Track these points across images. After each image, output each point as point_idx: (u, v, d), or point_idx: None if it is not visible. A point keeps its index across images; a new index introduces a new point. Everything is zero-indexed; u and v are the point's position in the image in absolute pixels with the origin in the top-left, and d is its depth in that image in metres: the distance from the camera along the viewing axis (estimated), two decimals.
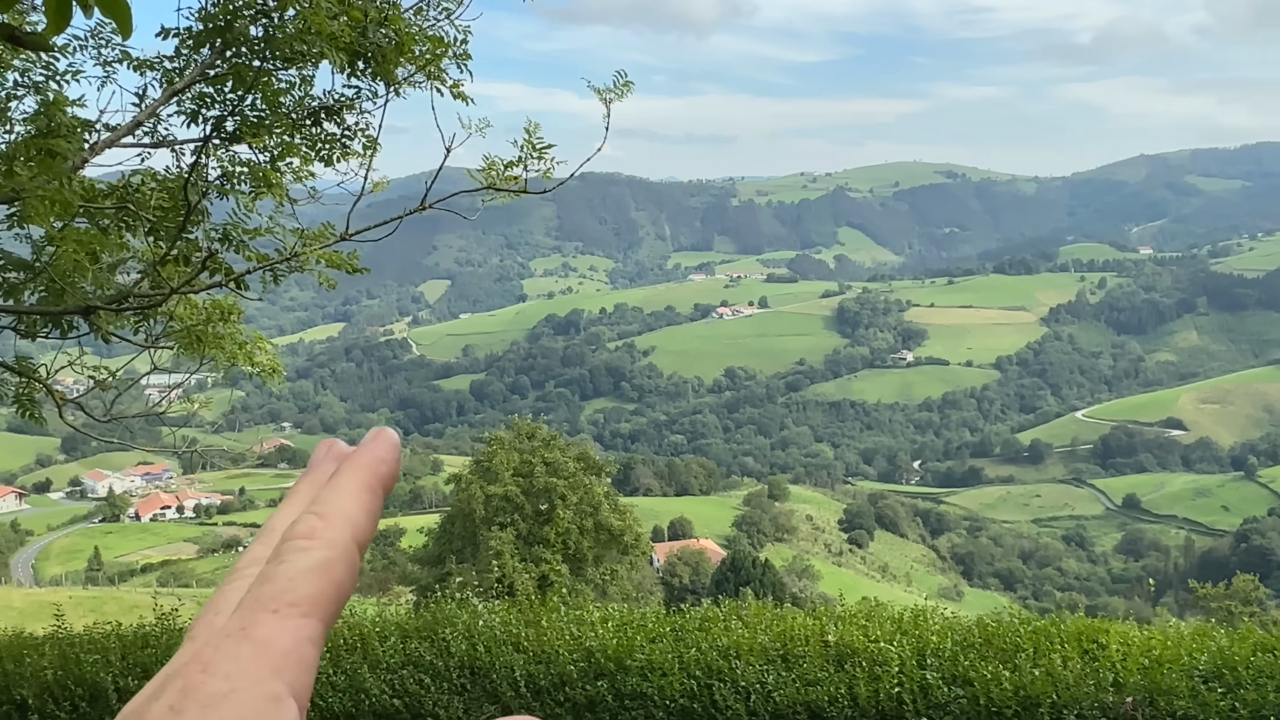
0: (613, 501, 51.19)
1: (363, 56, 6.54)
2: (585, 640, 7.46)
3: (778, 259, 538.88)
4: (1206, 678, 6.17)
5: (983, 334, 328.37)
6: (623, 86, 6.33)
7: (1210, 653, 6.38)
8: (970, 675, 6.46)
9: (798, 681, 6.69)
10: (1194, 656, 6.36)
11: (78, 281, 7.70)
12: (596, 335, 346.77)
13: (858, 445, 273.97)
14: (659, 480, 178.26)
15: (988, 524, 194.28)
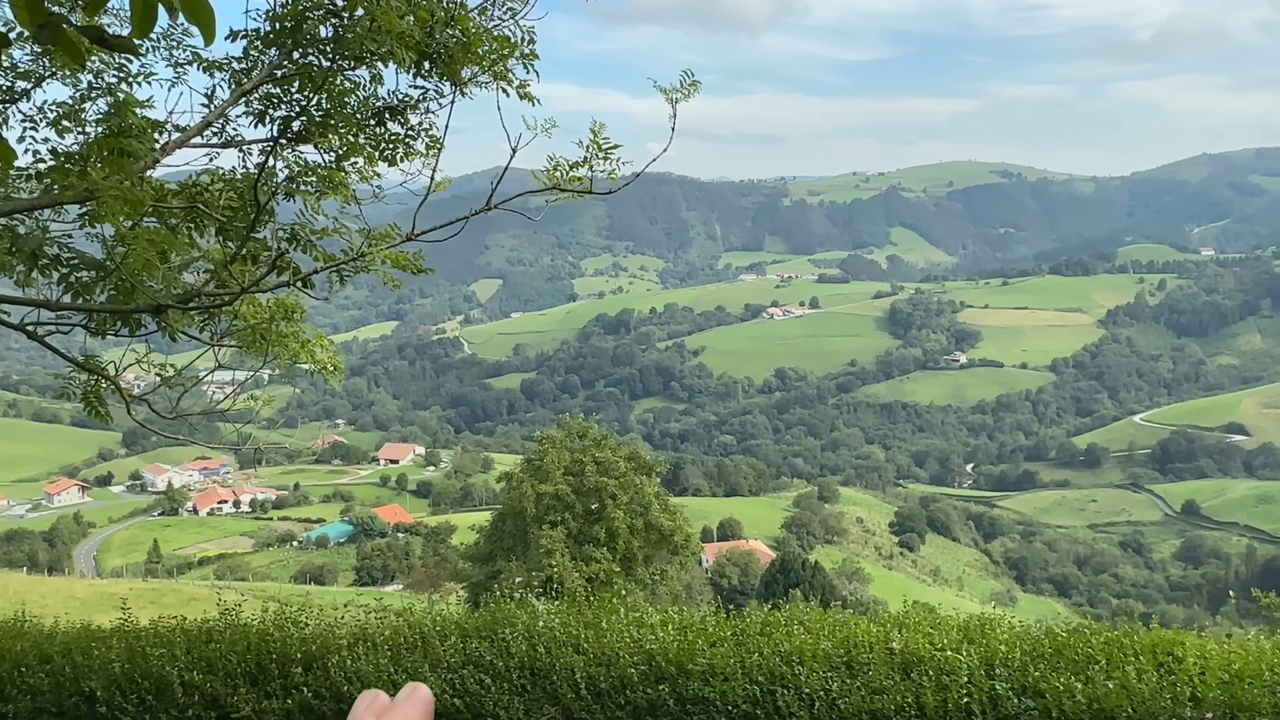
0: (663, 501, 51.12)
1: (429, 57, 6.55)
2: (646, 643, 7.41)
3: (829, 259, 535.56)
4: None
5: (1038, 336, 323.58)
6: (690, 86, 6.27)
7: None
8: (1041, 686, 6.31)
9: (862, 689, 6.58)
10: (1275, 672, 6.16)
11: (147, 280, 7.80)
12: (646, 335, 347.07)
13: (909, 447, 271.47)
14: (708, 480, 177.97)
15: (1042, 529, 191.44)
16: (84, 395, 9.49)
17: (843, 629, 7.44)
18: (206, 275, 8.35)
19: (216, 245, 7.71)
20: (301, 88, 7.21)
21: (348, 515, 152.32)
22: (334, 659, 7.69)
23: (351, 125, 7.55)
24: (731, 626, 7.73)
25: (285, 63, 7.01)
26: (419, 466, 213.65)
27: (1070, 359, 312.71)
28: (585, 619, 7.98)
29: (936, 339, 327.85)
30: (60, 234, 7.93)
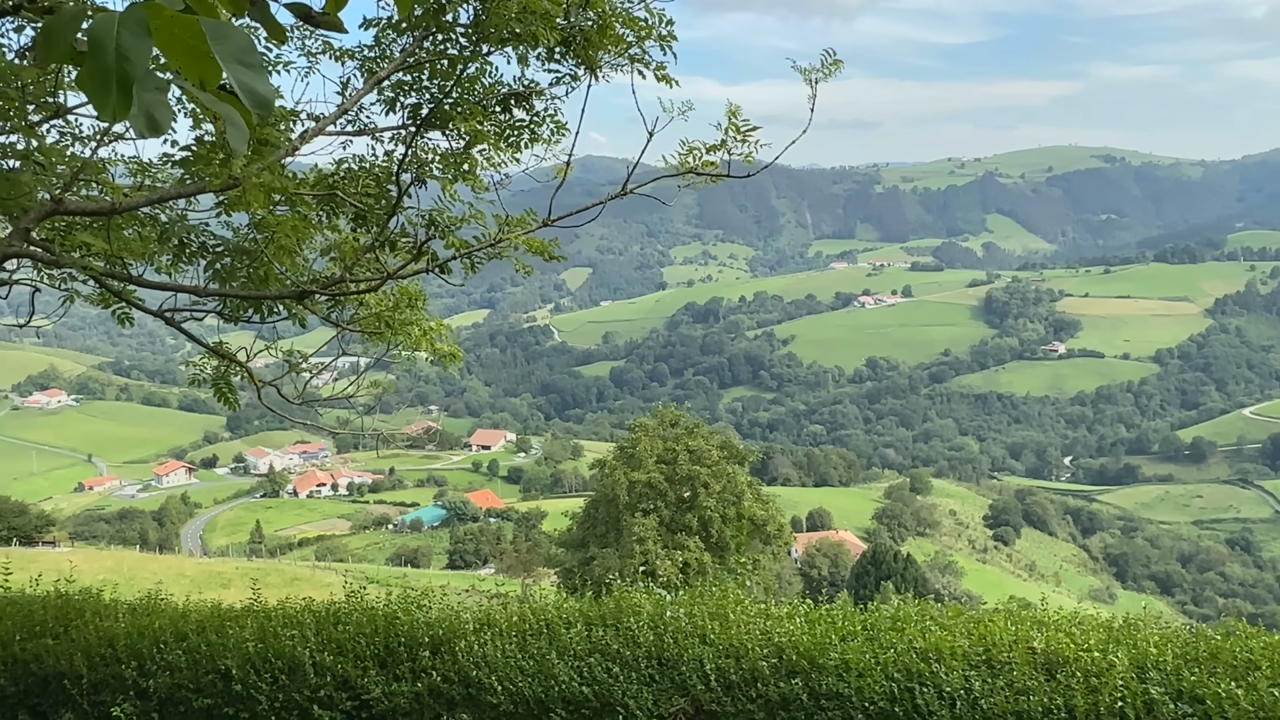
0: (756, 491, 50.88)
1: (565, 41, 6.51)
2: (775, 635, 7.29)
3: (923, 247, 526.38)
4: None
5: (1141, 326, 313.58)
6: (831, 65, 6.11)
7: None
8: (1199, 692, 6.01)
9: (1006, 689, 6.36)
10: None
11: (281, 268, 7.93)
12: (736, 323, 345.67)
13: (1005, 439, 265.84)
14: (797, 470, 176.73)
15: (1144, 524, 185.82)
16: (214, 382, 9.73)
17: (979, 626, 7.21)
18: (336, 263, 8.47)
19: (348, 233, 7.79)
20: (432, 75, 7.24)
21: (441, 499, 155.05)
22: (461, 643, 7.74)
23: (478, 112, 7.56)
24: (861, 620, 7.56)
25: (418, 50, 7.04)
26: (510, 453, 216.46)
27: (1175, 350, 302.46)
28: (711, 610, 7.89)
29: (1034, 328, 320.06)
30: (197, 222, 8.12)
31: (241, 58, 1.74)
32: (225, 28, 1.75)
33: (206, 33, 1.69)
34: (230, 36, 1.73)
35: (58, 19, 1.78)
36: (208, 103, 1.88)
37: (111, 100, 1.68)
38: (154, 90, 1.76)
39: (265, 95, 1.81)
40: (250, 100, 1.77)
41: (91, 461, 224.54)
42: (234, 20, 2.87)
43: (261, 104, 1.80)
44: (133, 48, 1.65)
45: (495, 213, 7.05)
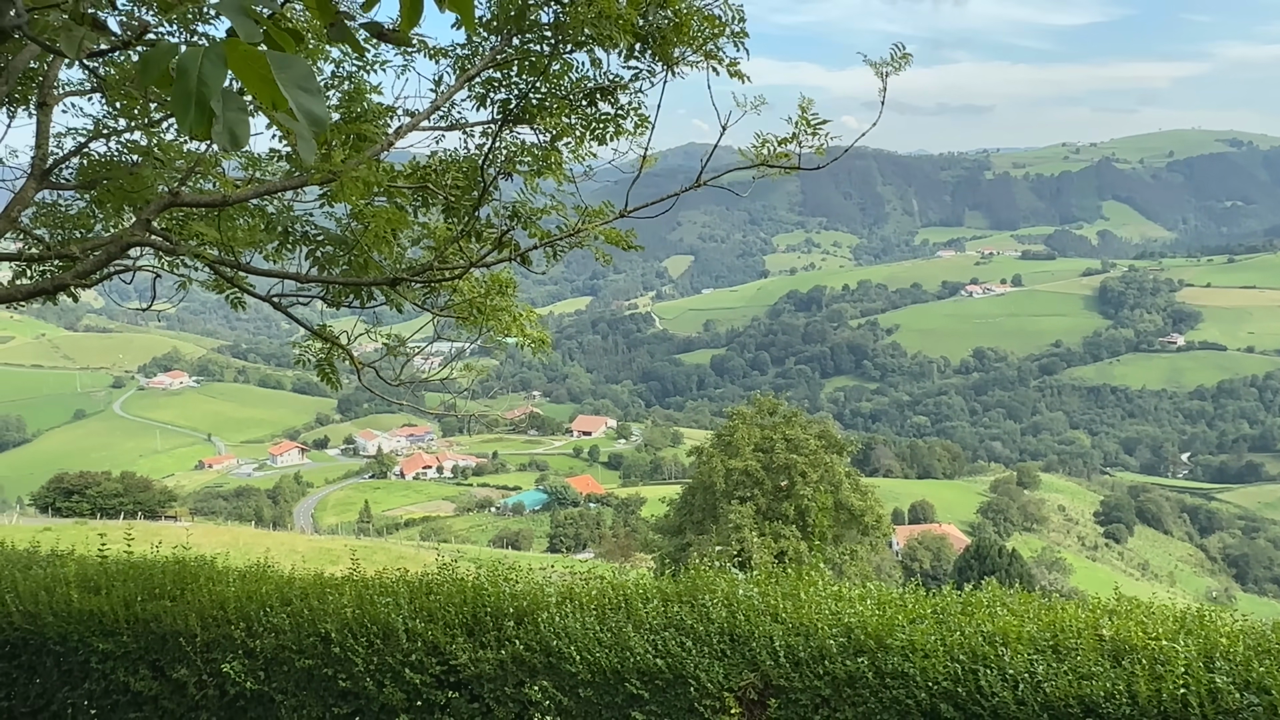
0: (854, 481, 50.54)
1: (642, 38, 6.77)
2: (844, 616, 7.47)
3: (1034, 235, 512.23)
4: None
5: (1267, 317, 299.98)
6: (900, 59, 6.25)
7: None
8: (1267, 683, 6.01)
9: (1070, 674, 6.44)
10: None
11: (377, 256, 8.40)
12: (838, 312, 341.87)
13: (1118, 434, 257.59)
14: (900, 462, 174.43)
15: (1266, 525, 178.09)
16: (318, 364, 10.30)
17: (1049, 613, 7.28)
18: (430, 251, 8.92)
19: (440, 223, 8.21)
20: (520, 71, 7.59)
21: (542, 484, 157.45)
22: (543, 615, 8.11)
23: (565, 107, 7.89)
24: (931, 604, 7.69)
25: (506, 48, 7.39)
26: (610, 439, 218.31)
27: None
28: (783, 589, 8.11)
29: (1151, 319, 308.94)
30: (302, 213, 8.64)
31: (301, 84, 2.02)
32: (288, 59, 2.03)
33: (272, 64, 1.98)
34: (292, 66, 2.02)
35: (155, 51, 2.15)
36: (282, 120, 2.17)
37: (190, 116, 1.99)
38: (236, 110, 2.07)
39: (321, 116, 2.09)
40: (307, 120, 2.05)
41: (211, 441, 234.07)
42: (314, 42, 3.22)
43: (317, 123, 2.07)
44: (210, 75, 1.97)
45: (577, 204, 7.36)
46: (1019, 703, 6.45)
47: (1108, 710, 6.24)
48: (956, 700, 6.63)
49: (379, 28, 2.73)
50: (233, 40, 2.03)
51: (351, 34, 2.77)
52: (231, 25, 2.11)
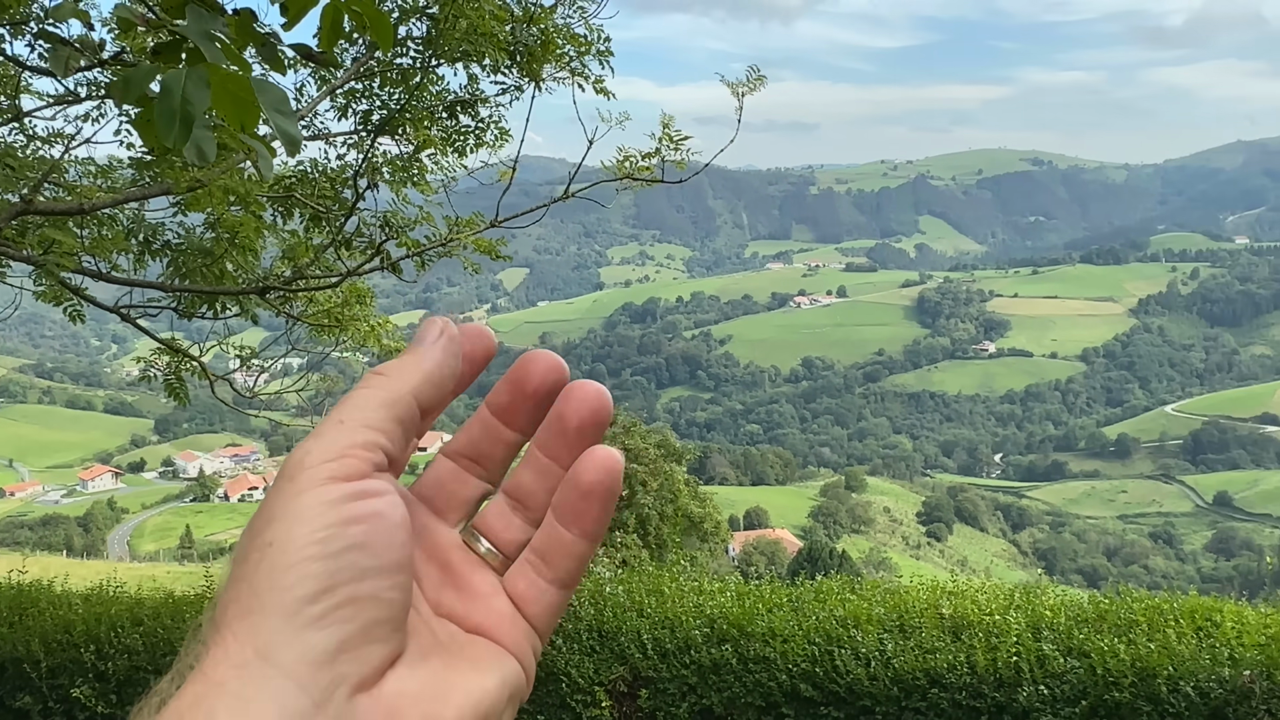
0: (693, 488, 51.58)
1: (511, 55, 6.99)
2: (707, 608, 7.85)
3: (857, 248, 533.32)
4: None
5: (1068, 325, 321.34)
6: (755, 80, 6.67)
7: None
8: (1086, 647, 6.70)
9: (915, 649, 7.00)
10: None
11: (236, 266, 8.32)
12: (673, 323, 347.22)
13: (937, 437, 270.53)
14: (735, 469, 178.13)
15: (1071, 519, 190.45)
16: (165, 380, 10.05)
17: (894, 596, 7.86)
18: (288, 262, 8.86)
19: (302, 233, 8.21)
20: (384, 83, 7.69)
21: None
22: None
23: (425, 118, 8.03)
24: (786, 593, 8.16)
25: (370, 59, 7.47)
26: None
27: (1101, 349, 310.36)
28: (648, 586, 8.44)
29: (965, 328, 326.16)
30: (157, 221, 8.46)
31: (278, 107, 2.15)
32: (266, 84, 2.18)
33: (254, 87, 2.13)
34: (271, 91, 2.16)
35: (137, 71, 2.31)
36: (244, 140, 2.31)
37: (174, 132, 2.10)
38: (204, 129, 2.23)
39: (296, 137, 2.24)
40: (285, 141, 2.19)
41: (13, 467, 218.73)
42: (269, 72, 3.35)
43: (293, 143, 2.22)
44: (195, 95, 2.09)
45: (445, 214, 7.51)
46: (871, 678, 6.96)
47: (950, 680, 6.81)
48: (815, 680, 7.10)
49: (308, 49, 2.88)
50: (213, 65, 2.15)
51: (278, 57, 2.92)
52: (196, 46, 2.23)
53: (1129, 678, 6.40)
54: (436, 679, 0.58)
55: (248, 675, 0.54)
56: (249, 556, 0.58)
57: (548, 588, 0.66)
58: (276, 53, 2.96)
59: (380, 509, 0.60)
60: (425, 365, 0.67)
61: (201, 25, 2.30)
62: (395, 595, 0.60)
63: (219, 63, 2.19)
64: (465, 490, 0.75)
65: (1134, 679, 6.40)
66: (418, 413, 0.65)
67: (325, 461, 0.60)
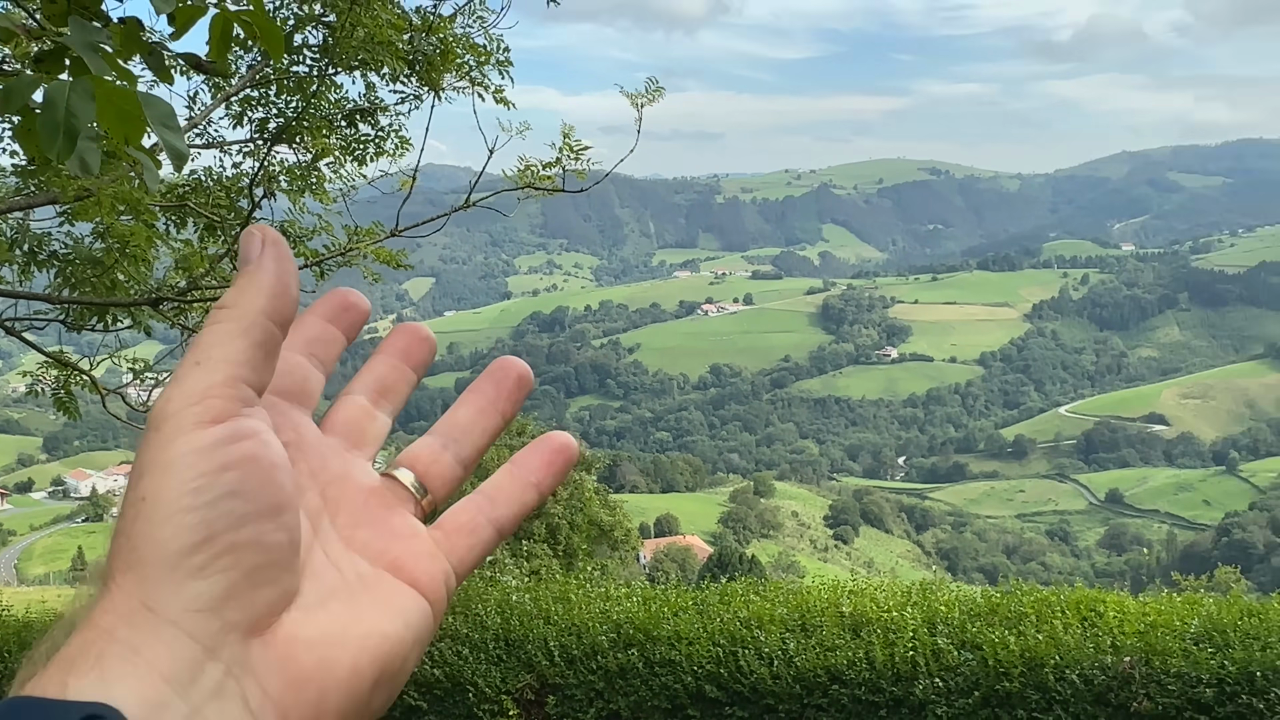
0: (602, 497, 51.64)
1: (409, 64, 6.98)
2: (613, 613, 7.91)
3: (762, 256, 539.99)
4: (1197, 640, 6.67)
5: (967, 330, 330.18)
6: (654, 91, 6.77)
7: (1200, 618, 6.88)
8: (978, 640, 6.93)
9: (817, 648, 7.16)
10: (1185, 622, 6.86)
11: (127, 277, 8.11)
12: (582, 332, 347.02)
13: (843, 441, 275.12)
14: (645, 477, 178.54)
15: (972, 519, 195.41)
16: (54, 394, 9.73)
17: (796, 596, 8.03)
18: (182, 272, 8.67)
19: (196, 243, 8.05)
20: (280, 91, 7.59)
21: None
22: None
23: (324, 126, 7.94)
24: (692, 597, 8.27)
25: (266, 67, 7.38)
26: None
27: (998, 353, 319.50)
28: (554, 594, 8.46)
29: (868, 334, 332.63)
30: (42, 231, 8.20)
31: (165, 121, 2.15)
32: (153, 98, 2.17)
33: (140, 101, 2.11)
34: (157, 104, 2.15)
35: (19, 81, 2.28)
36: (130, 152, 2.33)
37: (58, 144, 2.09)
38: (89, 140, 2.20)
39: (183, 151, 2.26)
40: (171, 154, 2.20)
41: None
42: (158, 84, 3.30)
43: (179, 157, 2.23)
44: (79, 108, 2.08)
45: (345, 224, 7.45)
46: (774, 677, 7.10)
47: (850, 676, 6.99)
48: (720, 680, 7.21)
49: (196, 59, 2.87)
50: (98, 77, 2.13)
51: (165, 67, 2.90)
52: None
53: (1019, 668, 6.66)
54: (335, 622, 0.56)
55: (136, 624, 0.53)
56: (126, 512, 0.57)
57: (486, 525, 0.67)
58: (164, 62, 2.94)
59: (253, 451, 0.59)
60: (264, 281, 0.63)
61: (85, 36, 2.28)
62: (280, 537, 0.59)
63: (102, 74, 2.17)
64: (375, 426, 0.75)
65: (1023, 669, 6.66)
66: (276, 331, 0.62)
67: (189, 406, 0.58)
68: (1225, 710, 6.26)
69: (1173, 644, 6.57)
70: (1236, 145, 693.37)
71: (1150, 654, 6.57)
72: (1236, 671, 6.33)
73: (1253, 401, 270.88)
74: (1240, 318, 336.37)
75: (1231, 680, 6.31)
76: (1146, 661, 6.54)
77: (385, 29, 6.16)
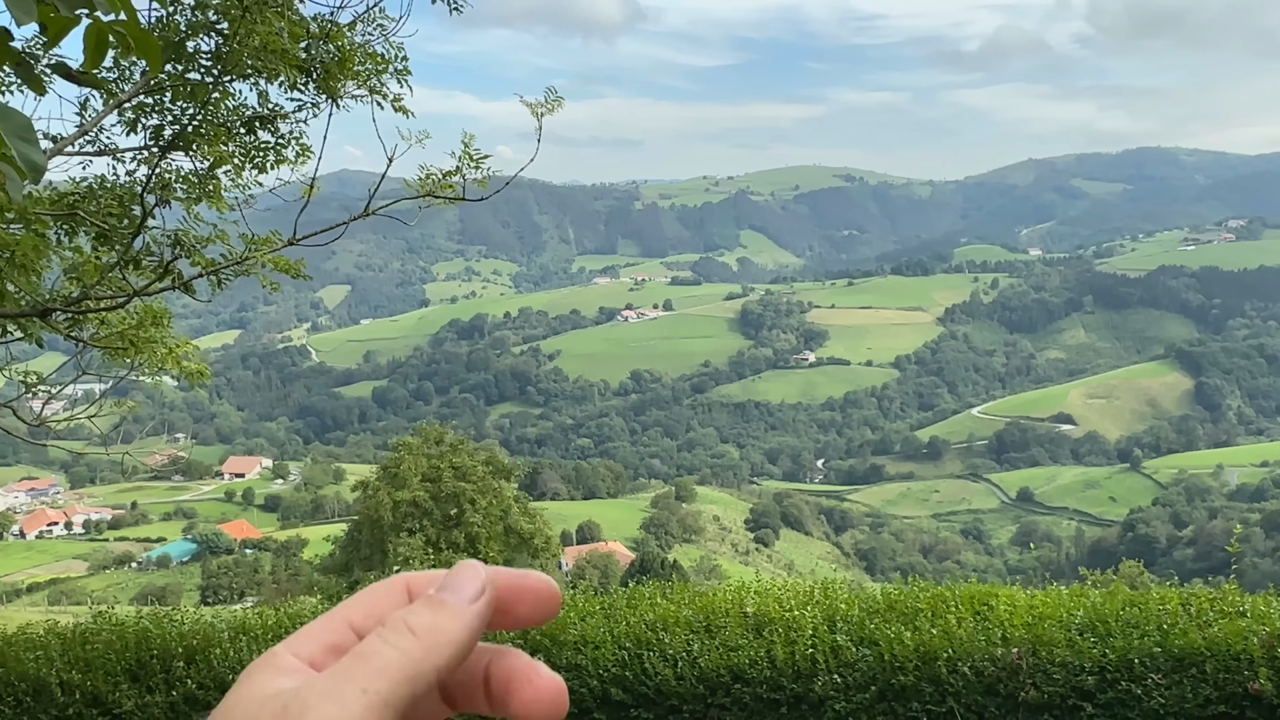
0: (522, 505, 51.41)
1: (306, 71, 6.92)
2: None
3: (681, 262, 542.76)
4: (1082, 630, 6.94)
5: (882, 334, 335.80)
6: (554, 101, 6.83)
7: (1085, 608, 7.16)
8: (876, 636, 7.12)
9: (720, 648, 7.27)
10: (1071, 613, 7.13)
11: (16, 286, 7.90)
12: (501, 339, 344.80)
13: (763, 445, 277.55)
14: (566, 484, 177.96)
15: (889, 520, 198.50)
16: None
17: (702, 598, 8.14)
18: (75, 281, 8.45)
19: (88, 252, 7.86)
20: (175, 98, 7.47)
21: (191, 533, 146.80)
22: (216, 651, 7.95)
23: (223, 134, 7.84)
24: (600, 602, 8.33)
25: (160, 74, 7.24)
26: (266, 480, 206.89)
27: (912, 355, 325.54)
28: None
29: (786, 339, 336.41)
30: None
31: (21, 134, 2.15)
32: (8, 110, 2.18)
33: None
34: (13, 116, 2.16)
35: None
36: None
37: None
38: None
39: (40, 164, 2.26)
40: (28, 167, 2.19)
41: None
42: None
43: (35, 170, 2.23)
44: None
45: (242, 232, 7.36)
46: (678, 678, 7.20)
47: (752, 675, 7.12)
48: (625, 683, 7.28)
49: (66, 69, 2.86)
50: None
51: (36, 76, 2.88)
52: None
53: (913, 662, 6.86)
54: None
55: None
56: None
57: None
58: (34, 72, 2.92)
59: None
60: (460, 637, 0.63)
61: None
62: None
63: None
64: None
65: (918, 662, 6.86)
66: (434, 682, 0.63)
67: None
68: (1106, 697, 6.53)
69: (1058, 635, 6.83)
70: (1136, 153, 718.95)
71: (1038, 645, 6.82)
72: (1116, 659, 6.60)
73: (1154, 400, 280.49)
74: (1141, 319, 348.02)
75: (1112, 668, 6.58)
76: (1034, 652, 6.79)
77: (278, 37, 6.11)
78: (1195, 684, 6.40)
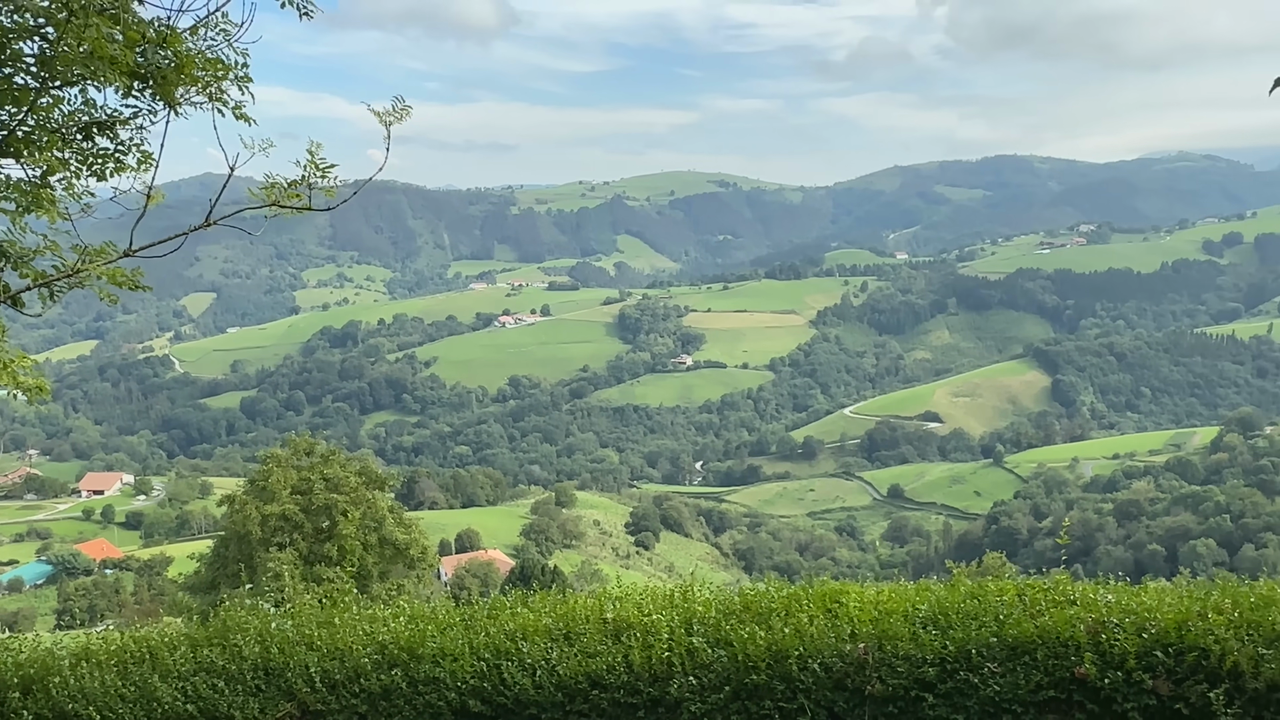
0: (397, 515, 50.50)
1: (141, 77, 6.69)
2: (378, 634, 7.83)
3: (559, 267, 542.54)
4: (925, 623, 7.22)
5: (757, 337, 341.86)
6: (401, 110, 6.78)
7: (929, 602, 7.45)
8: (730, 637, 7.27)
9: (579, 655, 7.32)
10: (916, 606, 7.42)
11: None
12: (375, 347, 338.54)
13: (642, 449, 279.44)
14: (444, 493, 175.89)
15: (766, 519, 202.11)
16: None
17: (563, 605, 8.17)
18: None
19: None
20: (2, 102, 7.12)
21: (45, 554, 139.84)
22: (55, 679, 7.62)
23: (56, 140, 7.50)
24: (460, 613, 8.29)
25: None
26: (128, 496, 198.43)
27: (786, 358, 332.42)
28: (319, 619, 8.29)
29: (664, 343, 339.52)
30: None
31: None
32: None
33: None
34: None
35: None
36: None
37: None
38: None
39: None
40: None
41: None
42: None
43: None
44: None
45: (75, 243, 7.07)
46: (537, 687, 7.21)
47: (610, 680, 7.19)
48: (483, 695, 7.26)
49: None
50: None
51: None
52: None
53: (765, 660, 7.03)
54: None
55: None
56: None
57: None
58: None
59: None
60: None
61: None
62: None
63: None
64: None
65: (770, 661, 7.03)
66: None
67: None
68: (946, 687, 6.81)
69: (903, 628, 7.09)
70: (995, 160, 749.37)
71: (883, 639, 7.06)
72: (955, 650, 6.90)
73: (1015, 398, 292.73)
74: (1001, 320, 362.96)
75: (951, 659, 6.87)
76: (880, 646, 7.03)
77: (106, 43, 5.89)
78: (1027, 671, 6.73)
